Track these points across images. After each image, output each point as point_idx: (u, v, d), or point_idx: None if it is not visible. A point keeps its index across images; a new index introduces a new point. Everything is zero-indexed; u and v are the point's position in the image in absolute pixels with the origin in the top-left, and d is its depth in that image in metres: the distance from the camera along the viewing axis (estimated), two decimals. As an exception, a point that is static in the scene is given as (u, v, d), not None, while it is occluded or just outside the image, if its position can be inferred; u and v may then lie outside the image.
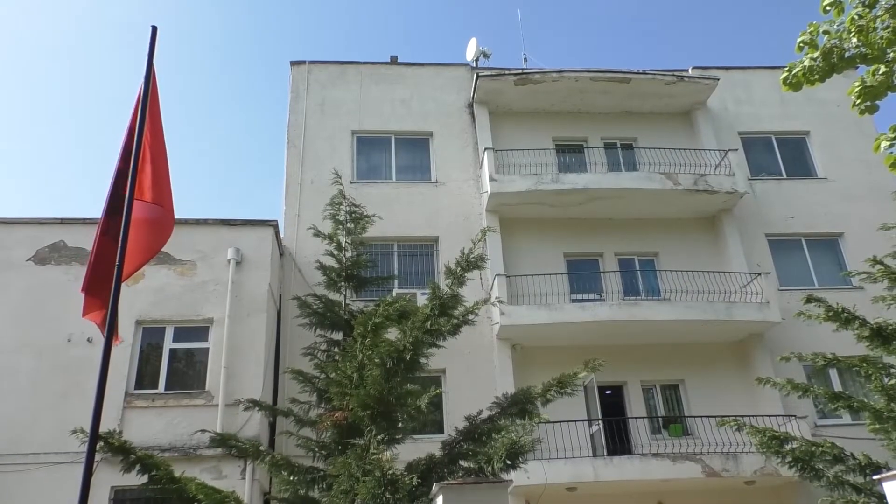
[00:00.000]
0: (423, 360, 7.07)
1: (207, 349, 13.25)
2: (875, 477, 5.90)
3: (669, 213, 17.21)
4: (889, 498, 5.43)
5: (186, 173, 49.31)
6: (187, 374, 13.34)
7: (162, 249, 6.85)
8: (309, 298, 8.69)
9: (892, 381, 8.20)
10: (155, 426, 12.28)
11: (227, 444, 7.84)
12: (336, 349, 8.22)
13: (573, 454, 13.58)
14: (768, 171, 18.68)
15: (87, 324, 13.06)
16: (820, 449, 8.42)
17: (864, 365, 8.44)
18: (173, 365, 13.33)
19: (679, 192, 16.52)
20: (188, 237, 13.55)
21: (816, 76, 6.17)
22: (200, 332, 13.43)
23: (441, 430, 13.46)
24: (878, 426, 8.35)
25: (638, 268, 17.13)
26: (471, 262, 7.17)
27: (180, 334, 13.37)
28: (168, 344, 13.15)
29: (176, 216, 6.76)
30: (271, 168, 60.70)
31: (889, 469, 5.63)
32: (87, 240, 13.62)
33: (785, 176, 18.62)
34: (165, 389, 12.88)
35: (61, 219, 14.01)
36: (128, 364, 12.73)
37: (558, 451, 13.50)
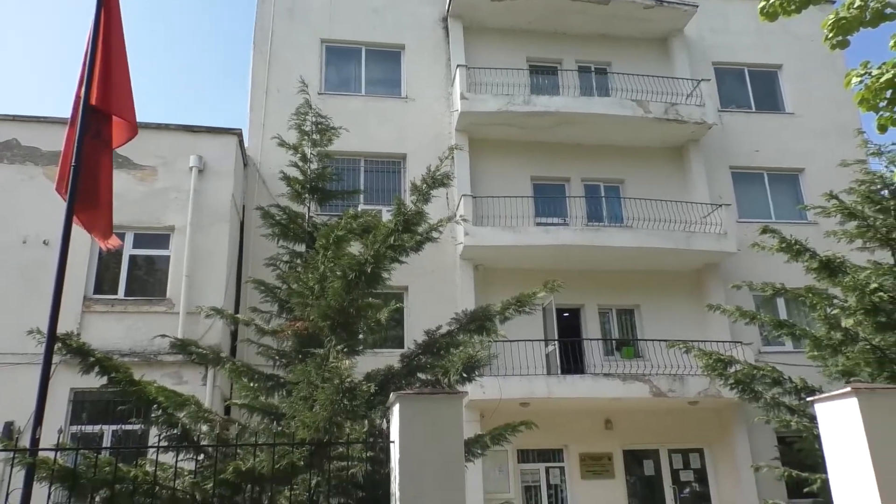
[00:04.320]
0: (384, 275, 7.12)
1: (168, 257, 13.14)
2: (808, 399, 6.25)
3: (638, 141, 17.26)
4: (819, 418, 5.78)
5: (146, 75, 47.38)
6: (148, 282, 13.26)
7: (121, 153, 6.71)
8: (272, 209, 8.60)
9: (835, 311, 8.57)
10: (115, 331, 12.28)
11: (188, 351, 7.88)
12: (298, 261, 8.20)
13: (528, 372, 14.05)
14: (738, 103, 18.75)
15: (41, 225, 12.83)
16: (761, 372, 8.85)
17: (810, 295, 8.78)
18: (133, 272, 13.21)
19: (649, 121, 16.53)
20: (148, 142, 13.08)
21: (793, 7, 6.11)
22: (161, 239, 13.27)
23: (402, 346, 13.72)
24: (816, 353, 8.78)
25: (603, 194, 17.30)
26: (437, 179, 7.12)
27: (140, 241, 13.20)
28: (128, 250, 12.98)
29: (137, 118, 6.61)
30: (236, 74, 58.57)
31: (822, 392, 5.95)
32: (41, 138, 13.16)
33: (754, 109, 18.72)
34: (125, 295, 12.82)
35: (13, 116, 13.44)
36: (86, 268, 12.57)
37: (514, 368, 13.95)
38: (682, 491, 15.28)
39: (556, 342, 15.02)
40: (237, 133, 14.43)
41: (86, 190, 6.10)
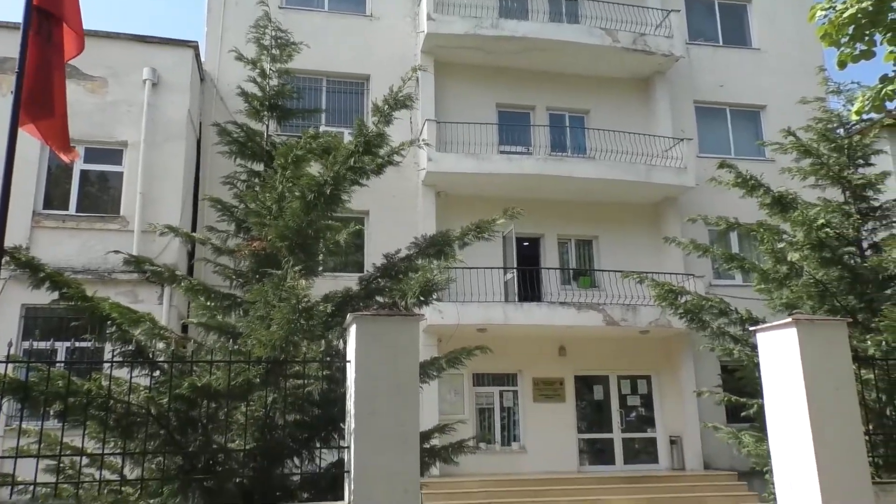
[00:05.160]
0: (344, 197, 7.04)
1: (122, 173, 12.80)
2: (751, 329, 6.50)
3: (605, 72, 17.12)
4: (759, 347, 6.04)
5: (97, -19, 44.65)
6: (101, 198, 12.94)
7: (69, 62, 6.38)
8: (229, 126, 8.33)
9: (782, 246, 8.83)
10: (67, 248, 12.02)
11: (142, 268, 7.74)
12: (256, 180, 8.03)
13: (486, 299, 14.28)
14: (706, 36, 18.65)
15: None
16: (709, 303, 9.14)
17: (761, 230, 9.01)
18: (85, 188, 12.86)
19: (617, 50, 16.36)
20: (98, 51, 12.48)
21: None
22: (114, 154, 12.88)
23: (362, 271, 13.75)
24: (763, 286, 9.08)
25: (568, 124, 17.26)
26: (399, 101, 6.96)
27: (92, 155, 12.78)
28: (79, 164, 12.56)
29: (84, 27, 6.26)
30: (193, -15, 55.59)
31: (765, 323, 6.20)
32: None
33: (721, 43, 18.65)
34: (77, 212, 12.50)
35: (-49, 18, 12.63)
36: (34, 182, 12.19)
37: (473, 295, 14.17)
38: (628, 415, 16.00)
39: (514, 270, 15.26)
40: (193, 46, 13.85)
41: (40, 98, 5.79)
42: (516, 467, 14.68)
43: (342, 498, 5.18)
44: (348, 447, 5.15)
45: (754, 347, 6.90)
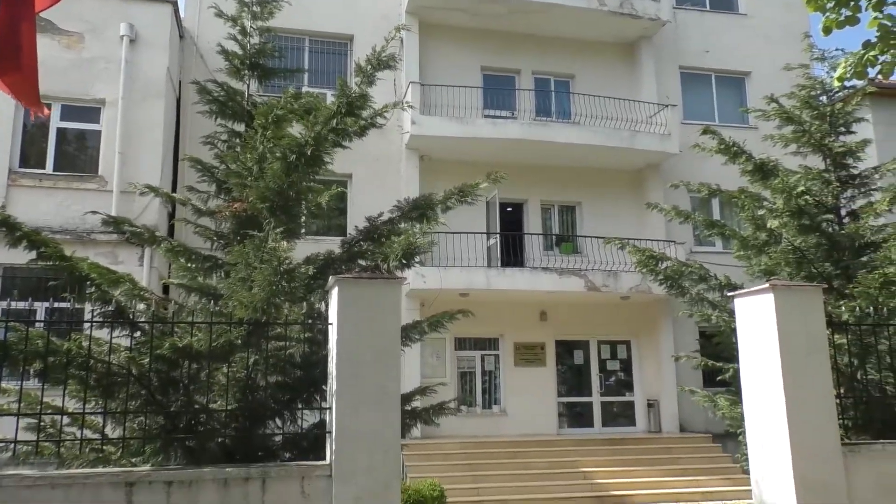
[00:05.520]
0: (326, 159, 6.98)
1: (100, 132, 12.55)
2: (729, 294, 6.59)
3: (591, 35, 16.96)
4: (737, 312, 6.14)
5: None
6: (78, 157, 12.71)
7: (41, 15, 6.17)
8: (209, 84, 8.17)
9: (762, 213, 8.92)
10: (44, 207, 11.84)
11: (121, 229, 7.65)
12: (237, 140, 7.92)
13: (469, 263, 14.32)
14: (694, 0, 18.47)
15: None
16: (689, 269, 9.26)
17: (742, 197, 9.09)
18: (62, 146, 12.62)
19: (603, 14, 16.18)
20: (74, 5, 12.15)
21: None
22: (91, 112, 12.61)
23: (344, 234, 13.72)
24: (742, 253, 9.20)
25: (553, 88, 17.13)
26: (382, 61, 6.87)
27: (69, 113, 12.51)
28: (55, 122, 12.29)
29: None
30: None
31: (743, 289, 6.29)
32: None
33: (708, 8, 18.51)
34: (54, 170, 12.28)
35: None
36: (10, 140, 11.94)
37: (455, 259, 14.19)
38: (607, 379, 16.24)
39: (497, 235, 15.28)
40: (172, 1, 13.50)
41: (6, 51, 5.61)
42: (497, 430, 14.89)
43: (324, 458, 5.23)
44: (330, 408, 5.19)
45: (732, 313, 7.02)
